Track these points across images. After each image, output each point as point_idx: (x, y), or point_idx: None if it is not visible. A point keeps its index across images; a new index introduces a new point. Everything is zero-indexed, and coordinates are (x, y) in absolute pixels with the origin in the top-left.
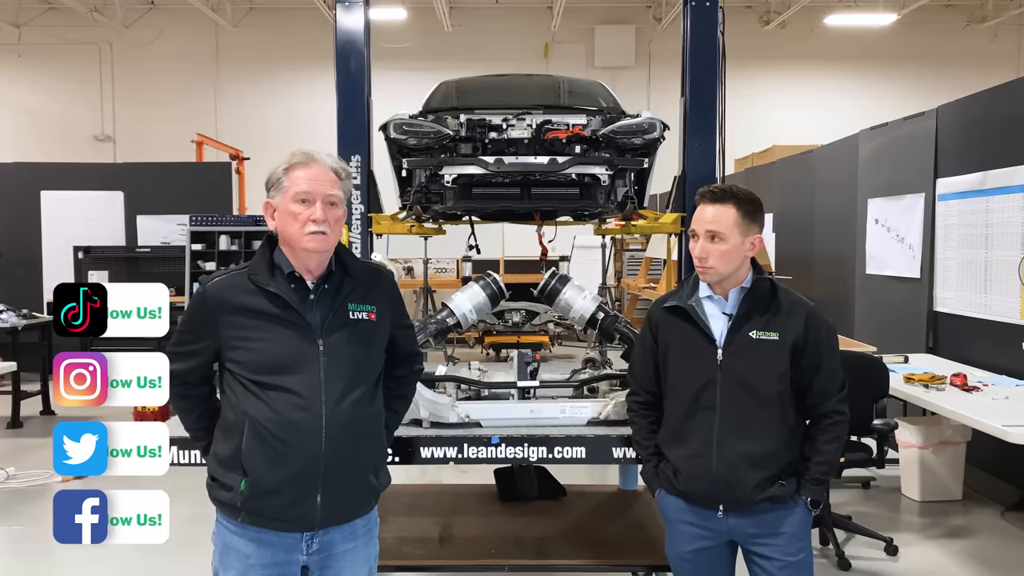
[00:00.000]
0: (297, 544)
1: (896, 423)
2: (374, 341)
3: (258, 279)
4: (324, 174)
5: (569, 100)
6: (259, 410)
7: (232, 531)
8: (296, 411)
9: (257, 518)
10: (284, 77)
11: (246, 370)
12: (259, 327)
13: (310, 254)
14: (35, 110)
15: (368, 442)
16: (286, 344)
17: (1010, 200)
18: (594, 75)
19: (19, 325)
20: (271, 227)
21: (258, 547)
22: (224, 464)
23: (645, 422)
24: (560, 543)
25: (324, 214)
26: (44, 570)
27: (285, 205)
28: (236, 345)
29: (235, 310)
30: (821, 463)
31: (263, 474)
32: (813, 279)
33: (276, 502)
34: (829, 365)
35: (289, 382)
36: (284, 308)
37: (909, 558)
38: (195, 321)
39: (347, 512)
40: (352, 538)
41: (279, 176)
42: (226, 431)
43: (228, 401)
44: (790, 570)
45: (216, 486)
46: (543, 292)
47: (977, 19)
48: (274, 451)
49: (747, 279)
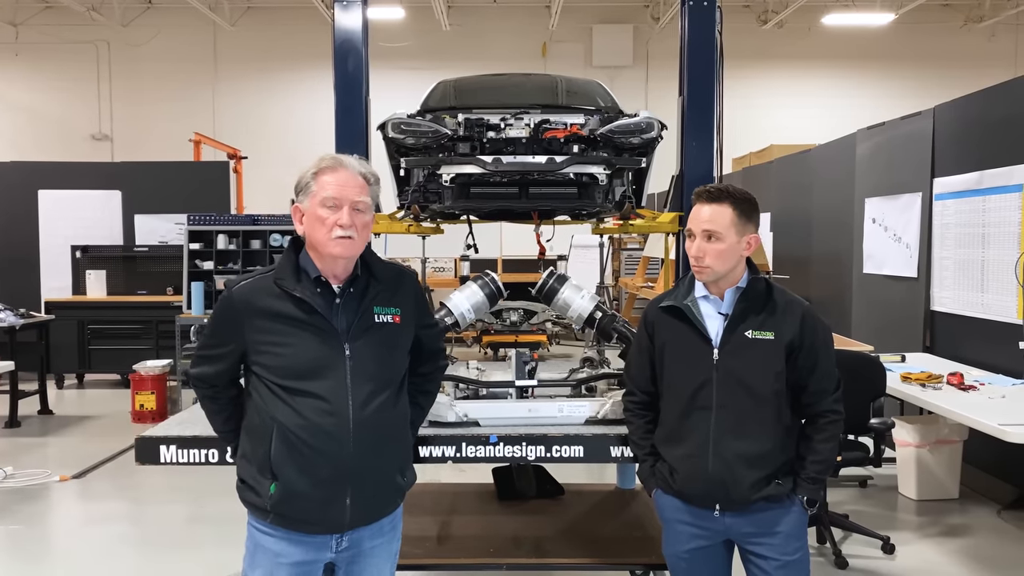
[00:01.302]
0: (327, 543)
1: (893, 422)
2: (399, 343)
3: (284, 283)
4: (352, 179)
5: (567, 99)
6: (287, 415)
7: (262, 531)
8: (324, 416)
9: (287, 520)
10: (282, 76)
11: (273, 374)
12: (285, 332)
13: (336, 259)
14: (32, 109)
15: (394, 444)
16: (313, 349)
17: (1007, 199)
18: (592, 74)
19: (17, 324)
20: (299, 231)
21: (288, 545)
22: (253, 468)
23: (641, 422)
24: (558, 542)
25: (351, 219)
26: (43, 570)
27: (313, 209)
28: (262, 349)
29: (261, 314)
30: (817, 462)
31: (292, 479)
32: (810, 278)
33: (305, 506)
34: (824, 365)
35: (316, 387)
36: (310, 313)
37: (906, 557)
38: (221, 324)
39: (375, 512)
40: (379, 535)
41: (307, 180)
42: (252, 434)
43: (254, 404)
44: (787, 569)
45: (246, 489)
46: (541, 291)
47: (974, 19)
48: (303, 456)
49: (743, 279)
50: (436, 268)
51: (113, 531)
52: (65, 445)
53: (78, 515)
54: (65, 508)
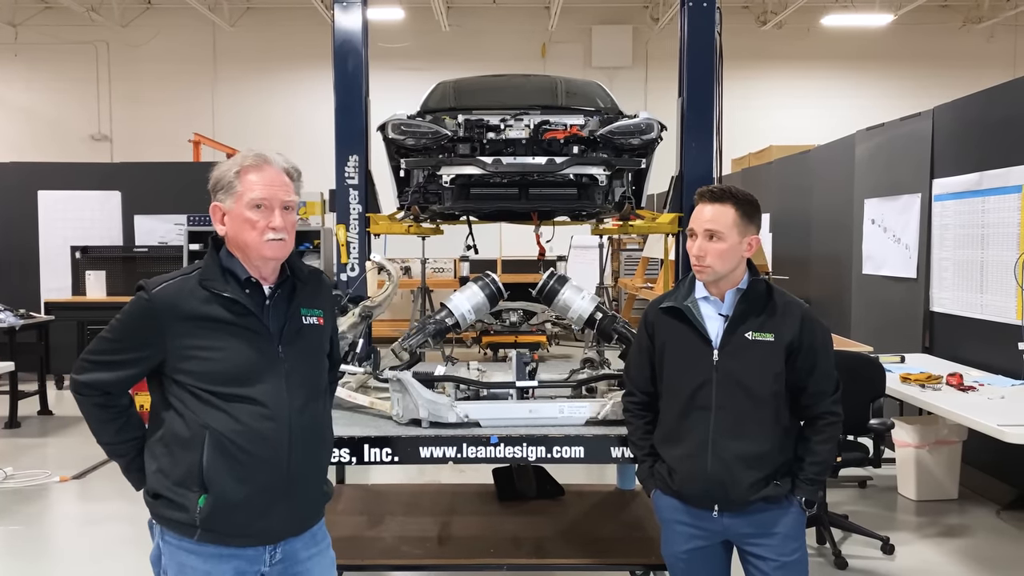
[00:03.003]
0: (260, 556)
1: (892, 423)
2: (323, 346)
3: (213, 285)
4: (278, 177)
5: (567, 100)
6: (222, 422)
7: (187, 550)
8: (262, 421)
9: (217, 535)
10: (281, 77)
11: (203, 381)
12: (215, 336)
13: (267, 261)
14: (31, 110)
15: (324, 450)
16: (246, 353)
17: (1006, 200)
18: (591, 75)
19: (16, 325)
20: (220, 231)
21: (218, 562)
22: (176, 481)
23: (641, 423)
24: (558, 542)
25: (283, 221)
26: (43, 570)
27: (240, 211)
28: (190, 355)
29: (188, 318)
30: (815, 463)
31: (228, 488)
32: (810, 279)
33: (239, 517)
34: (823, 366)
35: (252, 392)
36: (242, 315)
37: (905, 557)
38: (136, 329)
39: (307, 521)
40: (313, 544)
41: (230, 180)
42: (172, 445)
43: (175, 413)
44: (785, 570)
45: (164, 504)
46: (542, 292)
47: (973, 20)
48: (239, 464)
49: (743, 280)
50: (435, 269)
51: (113, 532)
52: (65, 446)
53: (78, 516)
54: (65, 509)
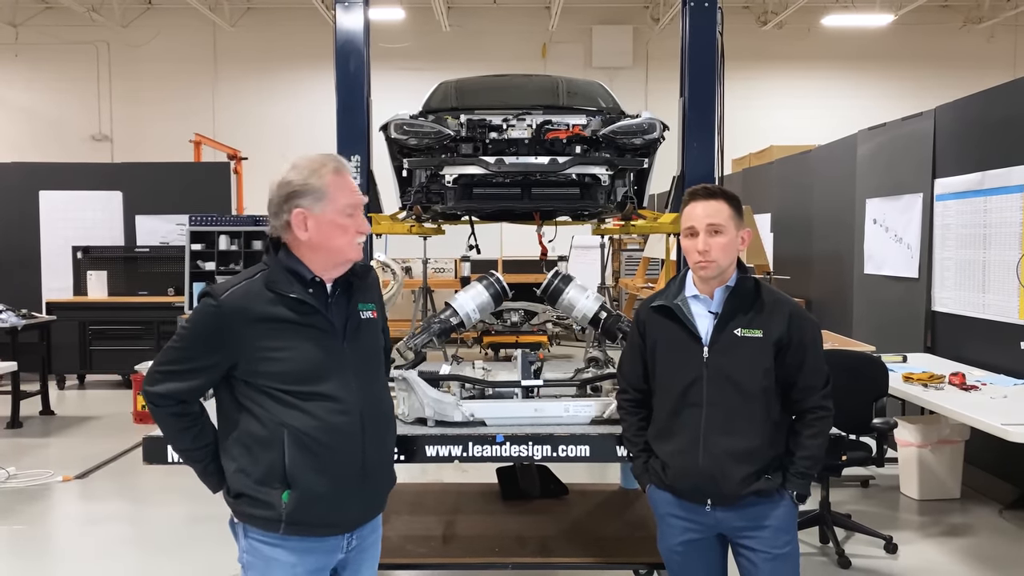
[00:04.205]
0: (339, 544)
1: (895, 422)
2: (379, 338)
3: (279, 287)
4: (353, 181)
5: (569, 100)
6: (299, 420)
7: (273, 544)
8: (336, 416)
9: (302, 528)
10: (282, 77)
11: (278, 381)
12: (285, 336)
13: (350, 263)
14: (32, 110)
15: (391, 437)
16: (315, 350)
17: (1008, 200)
18: (592, 75)
19: (19, 325)
20: (302, 237)
21: (303, 555)
22: (258, 480)
23: (635, 419)
24: (562, 541)
25: (365, 224)
26: (45, 569)
27: (332, 216)
28: (262, 356)
29: (259, 320)
30: (805, 457)
31: (311, 483)
32: (811, 279)
33: (321, 508)
34: (812, 362)
35: (325, 388)
36: (309, 314)
37: (908, 556)
38: (206, 336)
39: (380, 506)
40: (374, 530)
41: (319, 186)
42: (253, 445)
43: (252, 415)
44: (776, 562)
45: (248, 503)
46: (546, 291)
47: (974, 20)
48: (319, 458)
49: (732, 278)
50: (437, 269)
51: (115, 531)
52: (67, 446)
53: (80, 515)
54: (67, 508)
